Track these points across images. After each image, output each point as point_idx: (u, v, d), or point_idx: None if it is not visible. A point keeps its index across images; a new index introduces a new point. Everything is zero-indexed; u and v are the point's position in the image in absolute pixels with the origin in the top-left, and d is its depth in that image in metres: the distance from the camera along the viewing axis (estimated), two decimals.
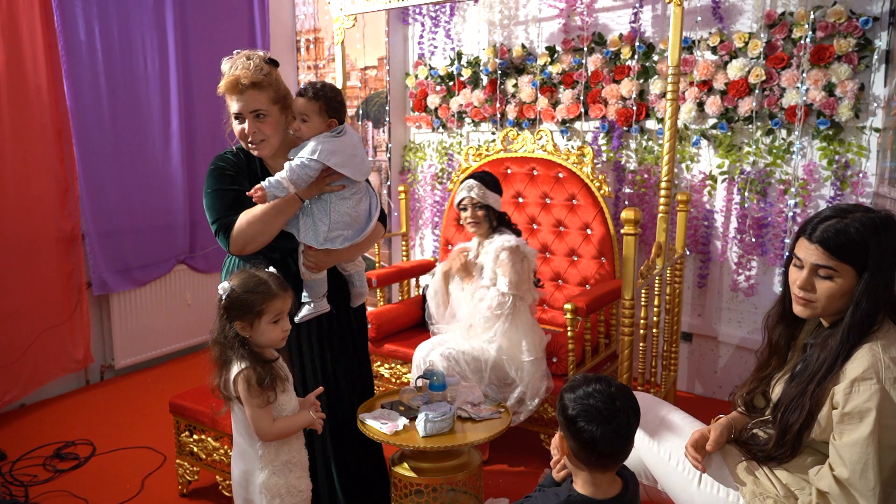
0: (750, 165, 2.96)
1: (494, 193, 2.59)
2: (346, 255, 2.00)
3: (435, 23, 3.86)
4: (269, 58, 1.92)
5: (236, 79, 1.82)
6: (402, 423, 1.98)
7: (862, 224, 1.36)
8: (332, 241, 1.92)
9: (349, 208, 1.95)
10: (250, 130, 1.87)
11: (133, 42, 3.46)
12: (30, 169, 3.05)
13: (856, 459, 1.31)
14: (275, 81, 1.89)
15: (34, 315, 3.13)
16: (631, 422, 1.25)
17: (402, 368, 2.93)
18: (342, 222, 1.93)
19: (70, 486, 2.49)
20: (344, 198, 1.94)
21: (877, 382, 1.31)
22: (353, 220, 1.96)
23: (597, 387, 1.27)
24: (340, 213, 1.93)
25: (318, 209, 1.92)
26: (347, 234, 1.95)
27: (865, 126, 2.69)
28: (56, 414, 3.16)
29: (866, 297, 1.37)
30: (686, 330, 3.25)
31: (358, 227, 1.98)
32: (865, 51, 2.64)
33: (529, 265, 2.58)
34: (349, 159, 1.90)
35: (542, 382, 2.52)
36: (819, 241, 1.39)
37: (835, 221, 1.39)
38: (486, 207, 2.57)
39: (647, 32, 3.17)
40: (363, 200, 1.99)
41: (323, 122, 1.90)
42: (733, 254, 3.08)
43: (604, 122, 3.31)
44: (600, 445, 1.24)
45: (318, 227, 1.91)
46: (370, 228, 2.00)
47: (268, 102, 1.86)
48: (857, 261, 1.37)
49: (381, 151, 4.13)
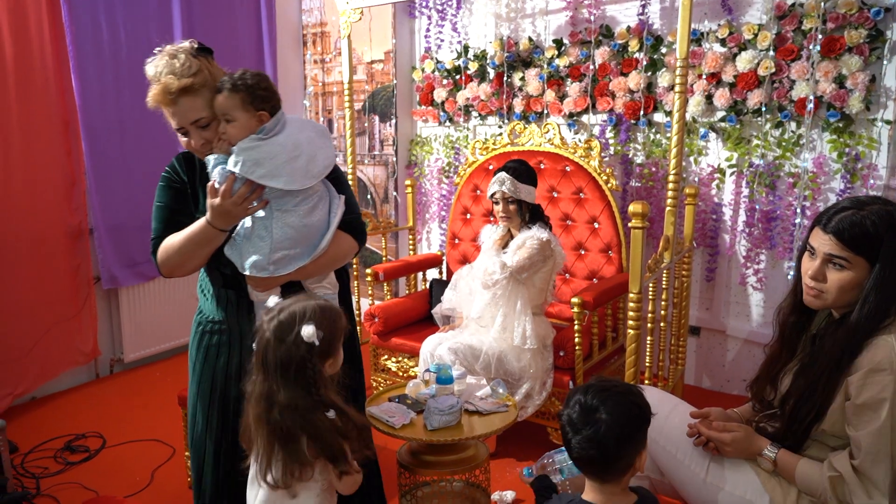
0: (759, 158, 2.94)
1: (527, 185, 2.56)
2: (303, 272, 1.63)
3: (441, 16, 3.85)
4: (198, 46, 1.60)
5: (164, 87, 1.52)
6: (410, 416, 1.98)
7: (878, 216, 1.35)
8: (277, 263, 1.55)
9: (296, 221, 1.56)
10: (197, 144, 1.59)
11: (140, 35, 3.46)
12: (37, 164, 3.07)
13: (869, 449, 1.32)
14: (210, 77, 1.57)
15: (43, 309, 3.15)
16: (604, 434, 1.18)
17: (409, 362, 2.94)
18: (288, 239, 1.55)
19: (81, 479, 2.52)
20: (286, 210, 1.56)
21: (891, 373, 1.31)
22: (303, 236, 1.58)
23: (579, 397, 1.24)
24: (285, 228, 1.55)
25: (259, 224, 1.57)
26: (294, 252, 1.57)
27: (876, 118, 2.66)
28: (66, 407, 3.19)
29: (875, 291, 1.36)
30: (694, 324, 3.24)
31: (310, 244, 1.60)
32: (877, 42, 2.61)
33: (555, 265, 2.58)
34: (283, 166, 1.51)
35: (548, 376, 2.52)
36: (833, 232, 1.38)
37: (851, 213, 1.38)
38: (518, 202, 2.56)
39: (655, 25, 3.15)
40: (318, 209, 1.61)
41: (250, 117, 1.55)
42: (742, 247, 3.06)
43: (611, 115, 3.30)
44: (575, 451, 1.24)
45: (258, 247, 1.55)
46: (325, 244, 1.61)
47: (207, 107, 1.56)
48: (870, 253, 1.36)
49: (388, 145, 4.13)
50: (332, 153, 1.64)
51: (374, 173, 4.23)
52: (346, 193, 1.70)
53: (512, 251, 2.53)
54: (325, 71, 4.34)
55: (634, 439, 1.23)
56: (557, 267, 2.60)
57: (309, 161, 1.56)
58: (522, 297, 2.52)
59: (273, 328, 1.34)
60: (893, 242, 1.34)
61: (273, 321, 1.35)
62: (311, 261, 1.60)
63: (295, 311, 1.35)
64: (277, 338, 1.33)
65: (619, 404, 1.21)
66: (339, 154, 4.35)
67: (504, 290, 2.50)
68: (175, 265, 1.61)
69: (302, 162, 1.54)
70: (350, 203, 1.71)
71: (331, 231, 1.62)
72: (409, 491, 2.02)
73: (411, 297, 3.23)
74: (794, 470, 1.45)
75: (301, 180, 1.54)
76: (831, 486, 1.38)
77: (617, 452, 1.21)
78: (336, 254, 1.67)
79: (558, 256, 2.56)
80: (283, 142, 1.54)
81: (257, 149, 1.50)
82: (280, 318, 1.35)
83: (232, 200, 1.48)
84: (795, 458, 1.47)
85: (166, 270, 1.63)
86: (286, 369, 1.31)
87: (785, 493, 1.48)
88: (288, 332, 1.33)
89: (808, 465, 1.44)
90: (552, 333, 2.59)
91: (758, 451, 1.52)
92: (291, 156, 1.53)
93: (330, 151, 1.63)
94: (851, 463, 1.36)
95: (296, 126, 1.60)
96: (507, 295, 2.50)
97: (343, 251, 1.69)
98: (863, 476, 1.34)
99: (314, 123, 1.74)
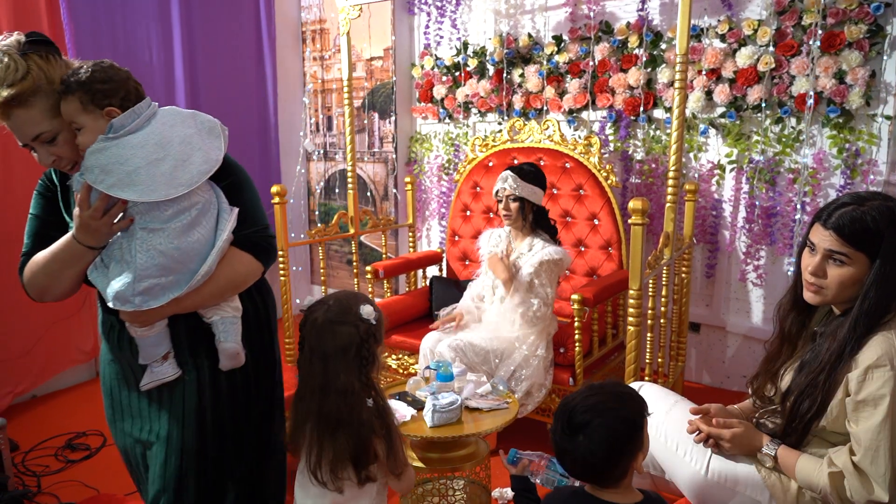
0: (759, 154, 2.94)
1: (532, 185, 2.55)
2: (188, 302, 1.33)
3: (441, 12, 3.84)
4: (29, 39, 1.28)
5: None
6: (410, 413, 1.98)
7: (879, 212, 1.35)
8: (144, 293, 1.26)
9: (164, 243, 1.26)
10: (47, 161, 1.34)
11: (138, 34, 3.46)
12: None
13: (869, 445, 1.32)
14: (45, 80, 1.26)
15: (43, 308, 3.15)
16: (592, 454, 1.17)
17: (409, 359, 2.94)
18: (155, 266, 1.25)
19: (81, 476, 2.52)
20: (153, 228, 1.26)
21: (891, 369, 1.31)
22: (176, 261, 1.27)
23: (565, 418, 1.23)
24: (150, 251, 1.25)
25: (119, 246, 1.29)
26: (165, 281, 1.27)
27: (876, 114, 2.66)
28: (67, 405, 3.19)
29: (875, 287, 1.36)
30: (694, 320, 3.24)
31: (186, 269, 1.29)
32: (877, 37, 2.60)
33: (558, 274, 2.59)
34: (138, 171, 1.22)
35: (548, 373, 2.52)
36: (834, 228, 1.38)
37: (851, 208, 1.38)
38: (521, 200, 2.55)
39: (654, 20, 3.15)
40: (199, 225, 1.29)
41: (96, 117, 1.27)
42: (742, 243, 3.06)
43: (611, 111, 3.29)
44: (566, 467, 1.24)
45: (120, 274, 1.27)
46: (206, 269, 1.30)
47: (47, 116, 1.27)
48: (870, 249, 1.36)
49: (388, 143, 4.13)
50: (216, 154, 1.32)
51: (373, 170, 4.23)
52: (245, 202, 1.40)
53: (527, 274, 2.50)
54: (325, 68, 4.33)
55: (625, 451, 1.20)
56: (563, 272, 2.63)
57: (178, 165, 1.25)
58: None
59: (330, 316, 1.32)
60: (894, 238, 1.34)
61: (324, 311, 1.32)
62: (189, 290, 1.30)
63: (346, 296, 1.34)
64: (337, 321, 1.31)
65: (602, 427, 1.18)
66: (339, 152, 4.34)
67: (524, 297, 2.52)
68: (42, 287, 1.36)
69: (167, 166, 1.24)
70: (251, 215, 1.40)
71: (214, 252, 1.30)
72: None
73: (411, 295, 3.23)
74: (794, 466, 1.45)
75: (164, 189, 1.23)
76: (831, 481, 1.38)
77: (608, 468, 1.21)
78: (229, 279, 1.35)
79: (566, 263, 2.57)
80: (139, 142, 1.25)
81: (104, 152, 1.23)
82: (331, 305, 1.33)
83: (89, 214, 1.24)
84: (795, 455, 1.47)
85: (34, 292, 1.39)
86: (346, 351, 1.30)
87: (785, 490, 1.48)
88: (346, 313, 1.32)
89: (808, 461, 1.44)
90: (554, 328, 2.59)
91: (758, 447, 1.52)
92: (152, 158, 1.23)
93: (214, 152, 1.32)
94: (851, 459, 1.36)
95: (167, 120, 1.31)
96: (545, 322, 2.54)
97: (239, 275, 1.37)
98: (862, 472, 1.34)
99: (200, 116, 1.37)
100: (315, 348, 1.32)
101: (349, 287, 4.38)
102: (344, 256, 4.44)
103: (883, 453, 1.31)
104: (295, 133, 4.50)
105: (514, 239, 2.66)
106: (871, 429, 1.32)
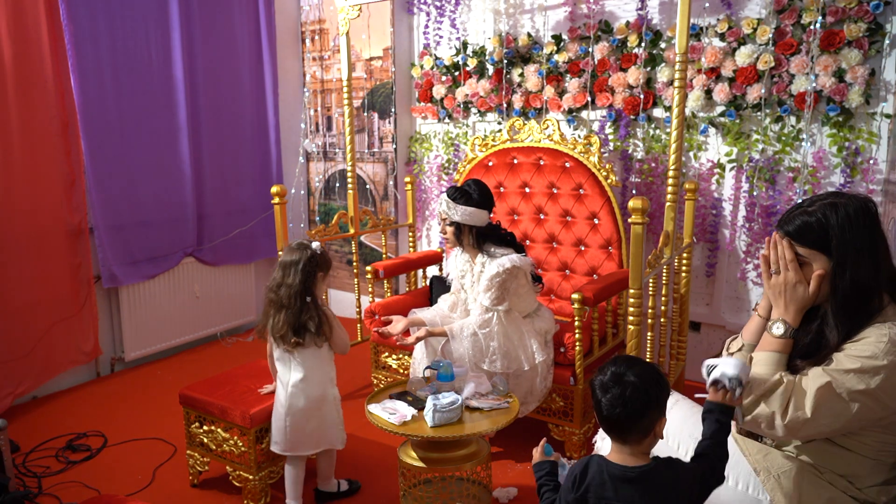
0: (758, 153, 2.94)
1: (465, 207, 2.46)
2: None
3: (440, 12, 3.84)
4: None
5: None
6: (411, 413, 1.98)
7: (823, 211, 1.41)
8: None
9: None
10: None
11: (138, 34, 3.46)
12: (37, 163, 3.07)
13: (814, 396, 1.33)
14: None
15: (44, 309, 3.15)
16: (630, 394, 1.29)
17: (409, 359, 2.94)
18: None
19: (82, 477, 2.52)
20: None
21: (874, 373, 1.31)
22: None
23: (611, 367, 1.34)
24: None
25: None
26: None
27: (876, 112, 2.66)
28: (68, 406, 3.19)
29: (840, 280, 1.39)
30: (694, 319, 3.24)
31: None
32: (876, 36, 2.60)
33: (526, 278, 2.50)
34: None
35: (549, 372, 2.52)
36: (786, 233, 1.46)
37: (800, 211, 1.45)
38: (457, 225, 2.49)
39: (654, 20, 3.15)
40: None
41: None
42: (742, 242, 3.06)
43: (611, 110, 3.29)
44: (604, 410, 1.32)
45: None
46: None
47: None
48: (823, 245, 1.41)
49: (387, 142, 4.13)
50: None
51: (373, 170, 4.23)
52: None
53: (481, 286, 2.45)
54: (324, 68, 4.33)
55: (657, 402, 1.31)
56: (527, 277, 2.51)
57: None
58: (511, 317, 2.48)
59: (293, 245, 2.14)
60: (838, 231, 1.39)
61: (292, 243, 2.16)
62: None
63: (305, 239, 2.19)
64: (296, 247, 2.12)
65: (645, 370, 1.32)
66: (339, 152, 4.35)
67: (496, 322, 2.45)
68: None
69: None
70: None
71: None
72: (410, 488, 2.02)
73: (411, 294, 3.23)
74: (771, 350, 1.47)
75: None
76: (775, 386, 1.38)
77: (641, 411, 1.29)
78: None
79: (525, 268, 2.47)
80: None
81: None
82: (294, 243, 2.16)
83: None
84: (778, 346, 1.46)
85: None
86: (296, 264, 2.08)
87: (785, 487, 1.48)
88: (303, 246, 2.12)
89: (779, 361, 1.45)
90: (554, 328, 2.59)
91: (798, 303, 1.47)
92: None
93: None
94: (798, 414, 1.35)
95: None
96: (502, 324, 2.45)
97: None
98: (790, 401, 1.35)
99: None
100: (281, 262, 2.12)
101: (350, 288, 4.39)
102: (344, 256, 4.44)
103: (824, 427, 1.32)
104: (295, 133, 4.50)
105: (470, 258, 2.60)
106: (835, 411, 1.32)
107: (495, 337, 2.42)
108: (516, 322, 2.48)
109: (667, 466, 1.34)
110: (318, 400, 2.14)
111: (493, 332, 2.43)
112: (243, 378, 2.47)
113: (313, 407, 2.13)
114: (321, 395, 2.15)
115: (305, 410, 2.12)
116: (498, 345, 2.42)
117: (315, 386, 2.13)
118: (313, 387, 2.13)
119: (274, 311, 2.09)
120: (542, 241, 3.18)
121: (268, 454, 2.27)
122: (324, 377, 2.16)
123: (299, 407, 2.12)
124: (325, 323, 2.10)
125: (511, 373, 2.44)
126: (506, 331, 2.44)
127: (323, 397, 2.15)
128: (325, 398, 2.16)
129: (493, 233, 2.55)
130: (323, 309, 2.12)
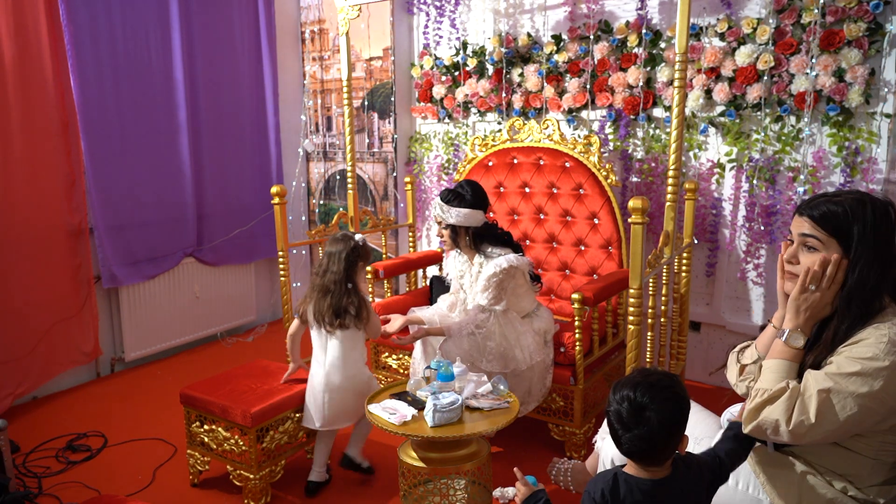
0: (758, 153, 2.94)
1: (458, 209, 2.47)
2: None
3: (440, 12, 3.84)
4: None
5: None
6: (411, 413, 1.98)
7: (850, 203, 1.39)
8: None
9: None
10: None
11: (138, 34, 3.46)
12: (37, 163, 3.07)
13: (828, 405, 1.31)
14: None
15: (44, 309, 3.15)
16: (654, 434, 1.26)
17: (409, 359, 2.94)
18: None
19: (83, 478, 2.52)
20: None
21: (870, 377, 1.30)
22: None
23: (627, 393, 1.28)
24: None
25: None
26: None
27: (876, 112, 2.66)
28: (68, 406, 3.19)
29: (850, 275, 1.38)
30: (694, 319, 3.24)
31: None
32: (876, 35, 2.60)
33: (525, 277, 2.51)
34: None
35: (548, 372, 2.52)
36: (808, 214, 1.44)
37: (826, 199, 1.43)
38: (452, 227, 2.51)
39: (654, 19, 3.15)
40: None
41: None
42: (742, 242, 3.06)
43: (610, 110, 3.29)
44: (626, 446, 1.29)
45: None
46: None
47: None
48: (841, 236, 1.39)
49: (387, 143, 4.13)
50: None
51: (373, 171, 4.23)
52: None
53: (479, 286, 2.47)
54: (324, 68, 4.33)
55: (681, 430, 1.30)
56: (525, 276, 2.52)
57: None
58: (509, 317, 2.49)
59: (337, 236, 2.36)
60: (862, 223, 1.37)
61: (336, 234, 2.39)
62: None
63: (348, 231, 2.49)
64: (340, 238, 2.34)
65: (667, 400, 1.27)
66: (339, 152, 4.35)
67: (493, 322, 2.45)
68: None
69: None
70: None
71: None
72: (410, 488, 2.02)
73: (412, 294, 3.23)
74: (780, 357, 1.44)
75: None
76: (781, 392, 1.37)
77: (666, 446, 1.29)
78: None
79: (523, 265, 2.48)
80: None
81: None
82: (339, 234, 2.38)
83: None
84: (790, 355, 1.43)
85: None
86: (340, 254, 2.30)
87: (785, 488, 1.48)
88: (346, 237, 2.34)
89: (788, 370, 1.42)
90: (554, 328, 2.59)
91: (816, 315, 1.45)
92: None
93: None
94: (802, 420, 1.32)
95: None
96: (498, 324, 2.46)
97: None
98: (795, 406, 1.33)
99: None
100: (327, 251, 2.34)
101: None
102: None
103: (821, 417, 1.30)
104: (295, 133, 4.50)
105: (468, 259, 2.62)
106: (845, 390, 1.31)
107: (492, 336, 2.43)
108: (513, 322, 2.48)
109: (686, 466, 1.36)
110: (352, 378, 2.33)
111: (490, 331, 2.43)
112: (244, 378, 2.47)
113: (348, 384, 2.32)
114: (355, 373, 2.34)
115: (341, 387, 2.31)
116: (495, 344, 2.42)
117: (350, 365, 2.33)
118: (349, 365, 2.32)
119: (319, 296, 2.29)
120: (542, 241, 3.18)
121: (268, 453, 2.27)
122: (358, 357, 2.37)
123: (336, 384, 2.31)
124: (364, 308, 2.31)
125: (509, 372, 2.44)
126: (503, 331, 2.45)
127: (357, 374, 2.35)
128: (359, 375, 2.36)
129: (489, 233, 2.55)
130: (361, 296, 2.33)
